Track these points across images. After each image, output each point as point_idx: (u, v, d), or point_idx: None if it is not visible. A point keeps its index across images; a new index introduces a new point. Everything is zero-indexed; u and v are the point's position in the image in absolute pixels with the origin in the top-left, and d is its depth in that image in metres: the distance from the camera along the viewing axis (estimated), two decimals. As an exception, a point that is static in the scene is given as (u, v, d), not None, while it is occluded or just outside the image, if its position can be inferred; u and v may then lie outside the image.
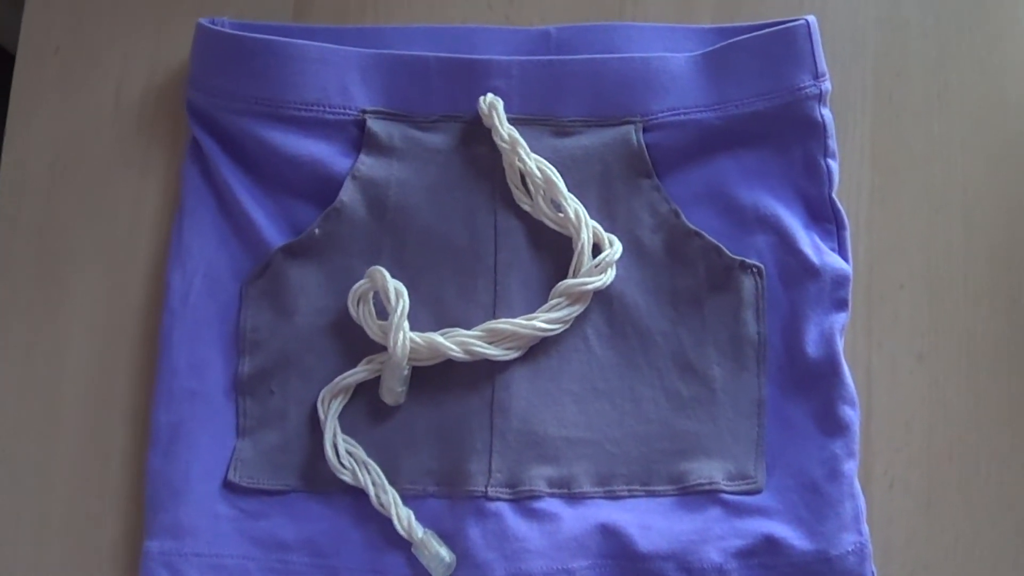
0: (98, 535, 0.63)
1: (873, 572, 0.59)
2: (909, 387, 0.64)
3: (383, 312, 0.61)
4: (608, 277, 0.61)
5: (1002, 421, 0.63)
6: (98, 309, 0.65)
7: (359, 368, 0.61)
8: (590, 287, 0.60)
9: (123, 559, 0.63)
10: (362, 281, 0.61)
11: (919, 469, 0.63)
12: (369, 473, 0.60)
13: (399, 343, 0.59)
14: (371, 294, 0.61)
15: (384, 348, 0.61)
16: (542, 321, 0.60)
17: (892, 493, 0.62)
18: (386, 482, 0.60)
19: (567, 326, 0.61)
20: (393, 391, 0.61)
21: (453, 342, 0.60)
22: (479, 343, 0.60)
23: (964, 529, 0.62)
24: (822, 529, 0.59)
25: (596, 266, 0.61)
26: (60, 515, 0.63)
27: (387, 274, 0.60)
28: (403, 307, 0.60)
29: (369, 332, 0.61)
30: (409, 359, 0.60)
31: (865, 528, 0.59)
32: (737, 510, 0.60)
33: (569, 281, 0.61)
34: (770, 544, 0.59)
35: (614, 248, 0.61)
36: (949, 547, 0.62)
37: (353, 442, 0.61)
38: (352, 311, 0.61)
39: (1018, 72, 0.67)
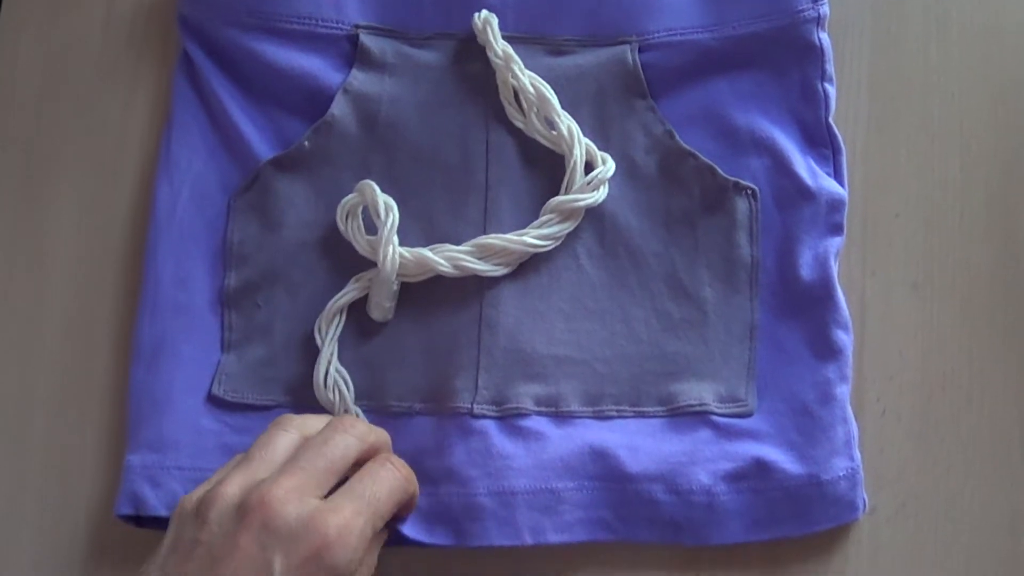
0: (80, 449, 0.63)
1: (864, 500, 0.59)
2: (903, 316, 0.63)
3: (372, 227, 0.60)
4: (600, 194, 0.60)
5: (996, 351, 0.62)
6: (85, 221, 0.65)
7: (348, 288, 0.61)
8: (581, 204, 0.60)
9: (106, 473, 0.62)
10: (351, 195, 0.60)
11: (912, 398, 0.62)
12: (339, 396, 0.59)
13: (388, 258, 0.59)
14: (360, 208, 0.60)
15: (372, 264, 0.60)
16: (532, 237, 0.59)
17: (884, 422, 0.62)
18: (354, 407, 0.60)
19: (557, 243, 0.60)
20: (381, 307, 0.60)
21: (442, 257, 0.59)
22: (468, 258, 0.59)
23: (956, 459, 0.61)
24: (813, 453, 0.58)
25: (588, 183, 0.60)
26: (41, 428, 0.63)
27: (377, 188, 0.60)
28: (392, 221, 0.59)
29: (358, 247, 0.60)
30: (398, 275, 0.59)
31: (857, 454, 0.59)
32: (727, 433, 0.59)
33: (560, 197, 0.60)
34: (760, 467, 0.58)
35: (607, 166, 0.60)
36: (941, 477, 0.61)
37: (344, 372, 0.60)
38: (340, 225, 0.60)
39: (1018, 2, 0.66)
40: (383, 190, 0.61)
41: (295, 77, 0.62)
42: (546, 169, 0.61)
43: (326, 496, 0.51)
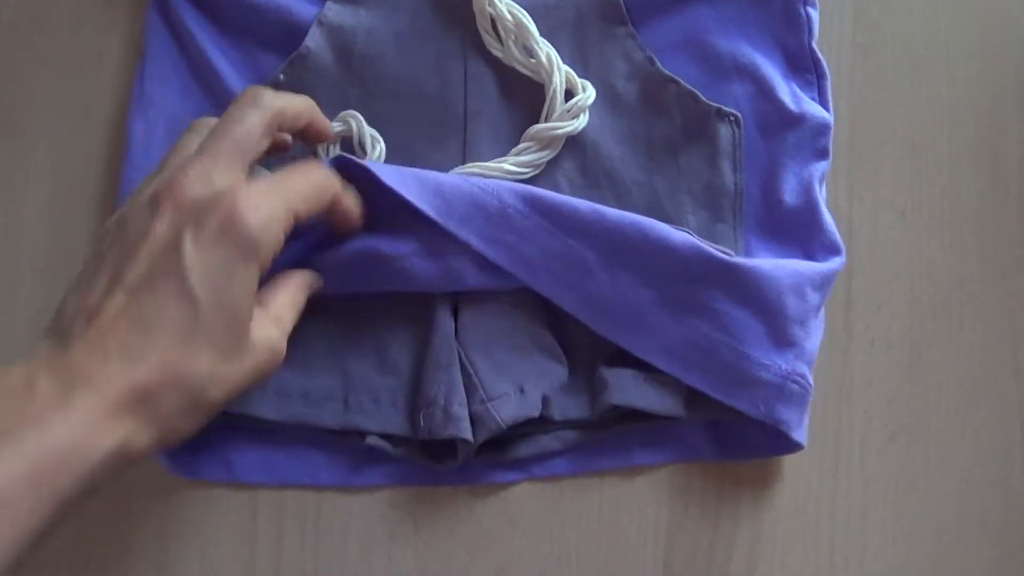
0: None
1: (782, 416, 0.56)
2: (891, 243, 0.62)
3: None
4: (580, 122, 0.59)
5: (985, 277, 0.61)
6: (59, 160, 0.64)
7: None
8: (561, 132, 0.59)
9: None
10: (335, 124, 0.59)
11: (901, 327, 0.61)
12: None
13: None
14: (338, 141, 0.59)
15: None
16: (511, 164, 0.59)
17: (874, 351, 0.61)
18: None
19: (537, 171, 0.59)
20: None
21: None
22: None
23: (947, 388, 0.61)
24: (756, 328, 0.56)
25: (568, 111, 0.59)
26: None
27: (363, 120, 0.59)
28: (380, 154, 0.59)
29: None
30: None
31: (802, 369, 0.56)
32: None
33: (540, 126, 0.59)
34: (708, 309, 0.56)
35: (587, 93, 0.59)
36: (931, 407, 0.61)
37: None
38: (321, 155, 0.59)
39: (1003, -75, 0.65)
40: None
41: (269, 10, 0.61)
42: (525, 98, 0.60)
43: None
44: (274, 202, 0.48)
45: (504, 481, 0.60)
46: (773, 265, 0.57)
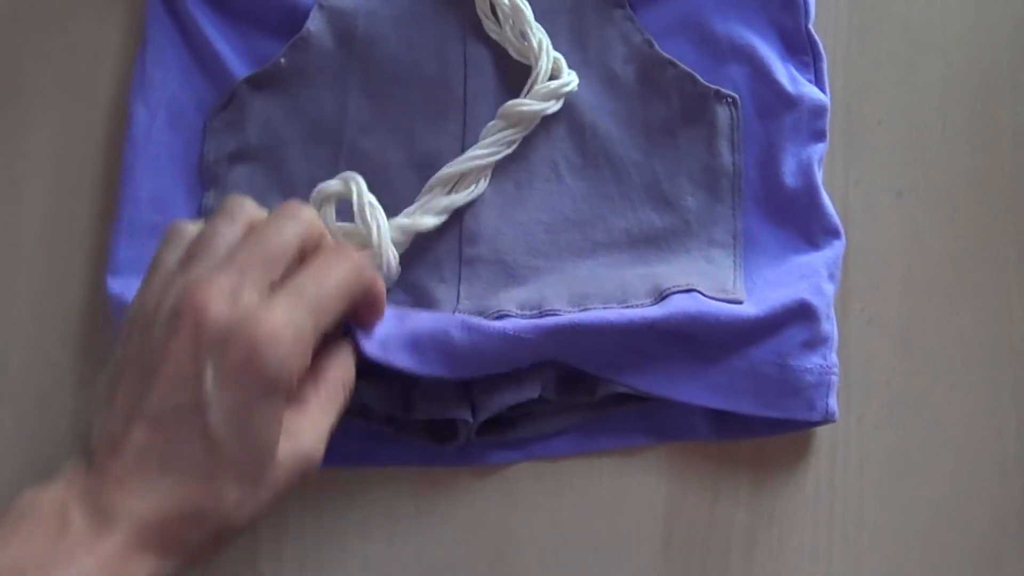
0: (58, 371, 0.62)
1: (832, 409, 0.57)
2: (887, 224, 0.62)
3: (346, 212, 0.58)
4: (551, 106, 0.59)
5: (981, 257, 0.62)
6: (60, 144, 0.64)
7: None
8: (527, 109, 0.59)
9: (85, 394, 0.62)
10: (332, 182, 0.58)
11: (897, 307, 0.62)
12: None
13: (389, 263, 0.57)
14: (333, 200, 0.58)
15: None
16: (477, 149, 0.59)
17: (870, 331, 0.61)
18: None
19: (509, 149, 0.59)
20: (388, 279, 0.58)
21: (427, 213, 0.59)
22: (447, 197, 0.59)
23: (943, 366, 0.61)
24: (789, 334, 0.57)
25: (545, 92, 0.59)
26: (18, 350, 0.62)
27: (363, 184, 0.57)
28: (378, 224, 0.57)
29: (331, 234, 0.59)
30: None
31: (833, 357, 0.58)
32: (712, 310, 0.57)
33: (509, 102, 0.59)
34: (730, 338, 0.57)
35: (566, 79, 0.60)
36: (928, 385, 0.61)
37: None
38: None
39: (998, -93, 0.65)
40: (360, 105, 0.61)
41: (270, -7, 0.62)
42: (524, 82, 0.61)
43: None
44: (299, 322, 0.46)
45: (504, 461, 0.60)
46: (786, 276, 0.58)
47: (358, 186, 0.57)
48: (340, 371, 0.52)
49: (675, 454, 0.60)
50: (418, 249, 0.60)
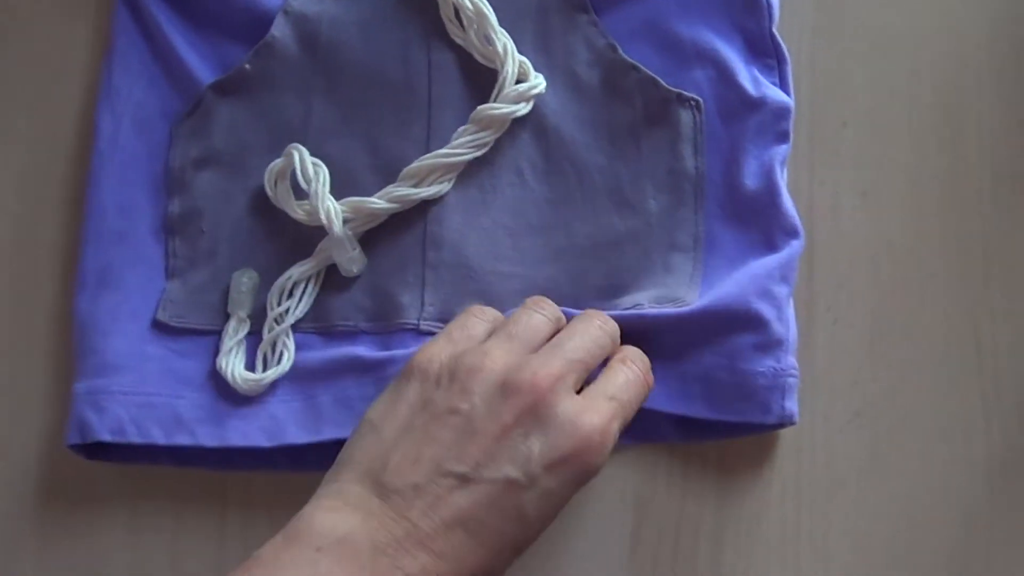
0: (27, 383, 0.63)
1: (789, 411, 0.57)
2: (852, 224, 0.62)
3: (301, 191, 0.60)
4: (521, 108, 0.59)
5: (945, 257, 0.62)
6: (26, 154, 0.64)
7: (307, 263, 0.61)
8: (496, 112, 0.59)
9: (55, 407, 0.62)
10: (278, 160, 0.60)
11: (862, 307, 0.62)
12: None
13: (330, 213, 0.58)
14: (288, 172, 0.60)
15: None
16: (448, 148, 0.59)
17: (836, 331, 0.61)
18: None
19: (478, 152, 0.60)
20: (351, 261, 0.60)
21: (381, 198, 0.59)
22: (406, 188, 0.59)
23: (909, 366, 0.61)
24: (739, 340, 0.57)
25: (514, 95, 0.59)
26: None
27: (304, 151, 0.59)
28: (323, 179, 0.59)
29: (291, 212, 0.60)
30: (349, 230, 0.59)
31: (789, 359, 0.57)
32: (658, 322, 0.58)
33: (481, 107, 0.60)
34: (680, 344, 0.58)
35: (534, 82, 0.60)
36: (894, 386, 0.61)
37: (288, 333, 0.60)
38: (269, 192, 0.60)
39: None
40: (326, 111, 0.61)
41: (235, 0, 0.62)
42: (488, 86, 0.61)
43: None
44: (616, 431, 0.50)
45: None
46: (734, 282, 0.58)
47: (299, 151, 0.59)
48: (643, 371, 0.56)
49: (643, 454, 0.60)
50: (382, 254, 0.61)
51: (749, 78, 0.61)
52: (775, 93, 0.61)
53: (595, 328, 0.53)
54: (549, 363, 0.49)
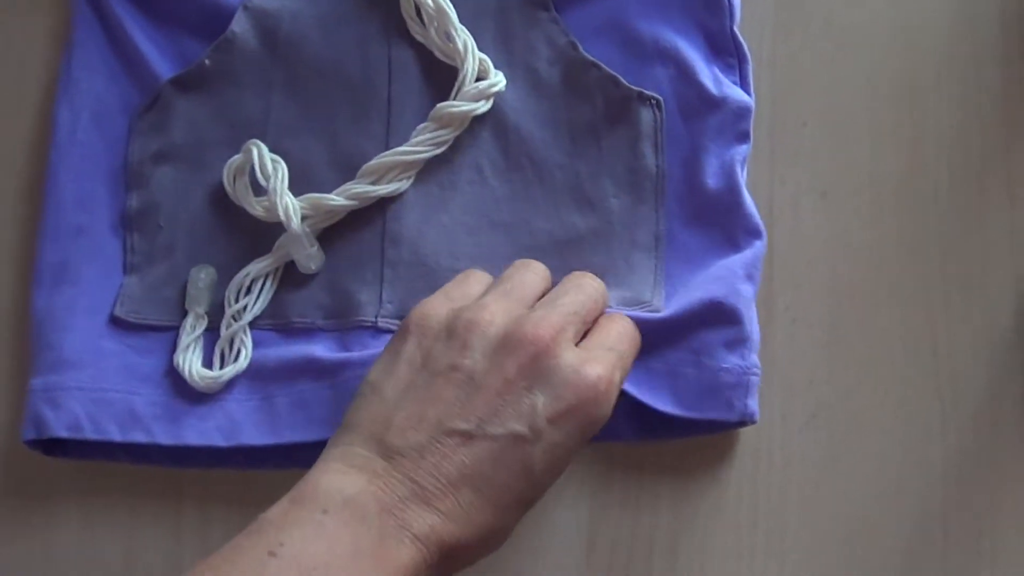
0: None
1: (751, 410, 0.57)
2: (811, 224, 0.63)
3: (260, 188, 0.60)
4: (479, 106, 0.59)
5: (904, 258, 0.62)
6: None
7: (265, 260, 0.60)
8: (457, 110, 0.59)
9: (9, 405, 0.62)
10: (236, 156, 0.60)
11: (821, 307, 0.62)
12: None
13: (287, 210, 0.58)
14: (247, 168, 0.60)
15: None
16: (408, 146, 0.59)
17: (794, 330, 0.61)
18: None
19: (438, 149, 0.60)
20: (309, 259, 0.60)
21: (338, 195, 0.59)
22: (364, 185, 0.59)
23: (867, 367, 0.61)
24: (704, 337, 0.57)
25: (473, 93, 0.59)
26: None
27: (263, 147, 0.59)
28: (281, 175, 0.59)
29: (249, 208, 0.59)
30: (307, 227, 0.59)
31: (752, 358, 0.57)
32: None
33: (441, 104, 0.59)
34: (648, 341, 0.57)
35: (493, 80, 0.60)
36: (851, 386, 0.61)
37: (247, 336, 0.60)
38: (228, 188, 0.60)
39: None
40: (285, 107, 0.61)
41: (194, -5, 0.62)
42: (449, 84, 0.61)
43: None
44: (618, 382, 0.51)
45: None
46: (701, 282, 0.58)
47: (258, 147, 0.59)
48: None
49: (598, 456, 0.60)
50: (341, 251, 0.61)
51: (710, 77, 0.61)
52: (736, 92, 0.61)
53: (587, 284, 0.54)
54: (548, 316, 0.49)
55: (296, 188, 0.59)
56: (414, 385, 0.49)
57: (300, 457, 0.58)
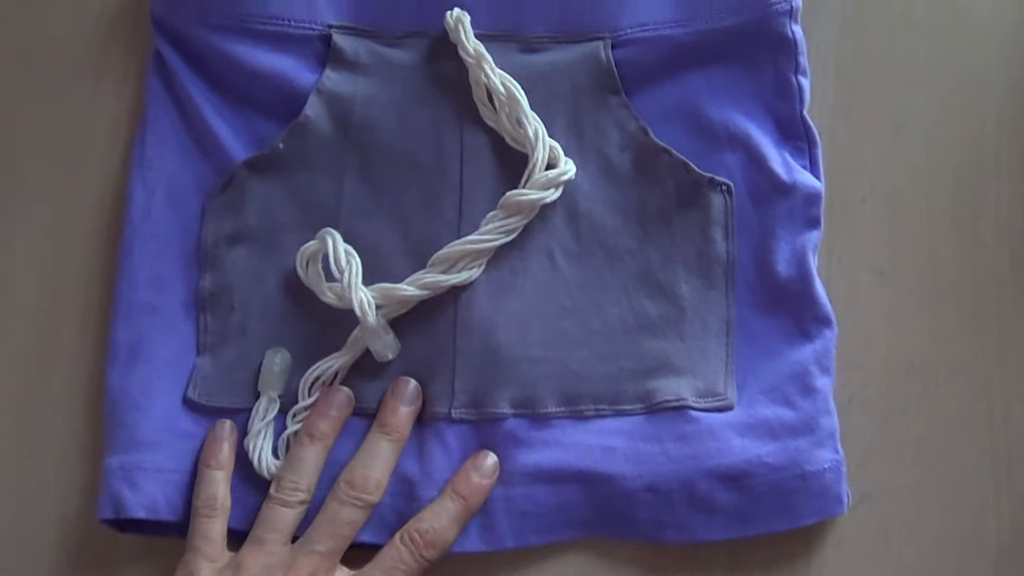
0: (50, 456, 0.63)
1: (848, 494, 0.59)
2: (869, 303, 0.63)
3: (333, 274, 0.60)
4: (550, 194, 0.60)
5: (961, 338, 0.63)
6: (54, 223, 0.65)
7: (343, 355, 0.61)
8: (526, 199, 0.59)
9: (72, 471, 0.63)
10: (311, 242, 0.60)
11: (877, 386, 0.63)
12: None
13: (363, 303, 0.58)
14: (320, 256, 0.60)
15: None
16: (478, 234, 0.60)
17: (850, 410, 0.62)
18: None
19: (508, 237, 0.60)
20: (385, 347, 0.60)
21: (412, 284, 0.59)
22: (436, 275, 0.60)
23: (922, 448, 0.62)
24: (796, 445, 0.58)
25: (544, 181, 0.60)
26: (9, 433, 0.63)
27: (338, 237, 0.59)
28: (355, 269, 0.59)
29: (321, 295, 0.60)
30: (381, 315, 0.59)
31: (840, 448, 0.59)
32: (707, 428, 0.59)
33: (510, 192, 0.60)
34: (744, 462, 0.58)
35: (563, 168, 0.60)
36: (907, 465, 0.62)
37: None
38: (301, 273, 0.60)
39: (984, -9, 0.66)
40: (358, 191, 0.61)
41: (268, 78, 0.62)
42: (520, 169, 0.61)
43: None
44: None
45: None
46: (774, 377, 0.60)
47: (333, 237, 0.59)
48: None
49: (653, 550, 0.60)
50: (413, 340, 0.61)
51: (780, 162, 0.62)
52: (806, 178, 0.62)
53: (345, 511, 0.58)
54: (299, 561, 0.56)
55: (367, 272, 0.60)
56: None
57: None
